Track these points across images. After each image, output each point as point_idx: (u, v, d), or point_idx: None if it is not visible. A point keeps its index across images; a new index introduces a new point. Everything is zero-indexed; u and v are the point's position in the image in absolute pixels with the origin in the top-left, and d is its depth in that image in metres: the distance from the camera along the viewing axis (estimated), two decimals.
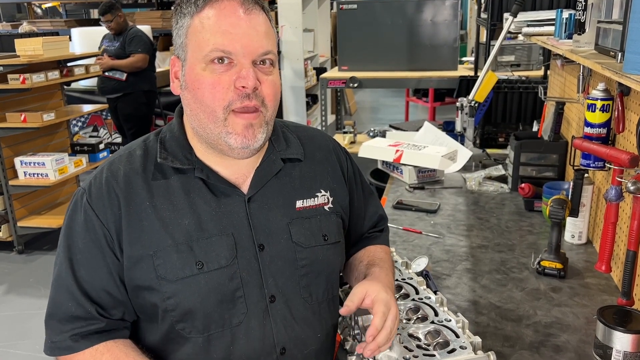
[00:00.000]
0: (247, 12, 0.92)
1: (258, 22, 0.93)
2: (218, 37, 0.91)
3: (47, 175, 3.72)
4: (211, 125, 0.93)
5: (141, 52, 4.69)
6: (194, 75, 0.93)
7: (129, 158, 1.00)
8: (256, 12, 0.93)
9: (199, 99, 0.93)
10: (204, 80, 0.92)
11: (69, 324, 0.95)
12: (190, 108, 0.96)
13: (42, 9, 8.77)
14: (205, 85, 0.92)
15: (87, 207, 0.96)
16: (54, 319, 0.97)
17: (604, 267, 1.35)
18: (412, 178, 2.36)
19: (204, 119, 0.94)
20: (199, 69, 0.92)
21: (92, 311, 0.95)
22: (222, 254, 0.96)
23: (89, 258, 0.96)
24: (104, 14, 4.63)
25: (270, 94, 0.95)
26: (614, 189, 1.30)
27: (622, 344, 1.10)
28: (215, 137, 0.94)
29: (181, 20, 0.95)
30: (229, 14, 0.91)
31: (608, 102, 1.47)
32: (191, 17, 0.93)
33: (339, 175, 1.13)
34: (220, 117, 0.92)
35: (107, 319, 0.97)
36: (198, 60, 0.92)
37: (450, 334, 1.09)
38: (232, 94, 0.91)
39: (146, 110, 4.94)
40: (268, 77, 0.94)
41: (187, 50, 0.94)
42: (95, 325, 0.96)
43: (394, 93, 9.90)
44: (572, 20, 1.76)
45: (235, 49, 0.91)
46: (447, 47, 4.20)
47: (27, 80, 3.52)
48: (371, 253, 1.18)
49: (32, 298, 3.33)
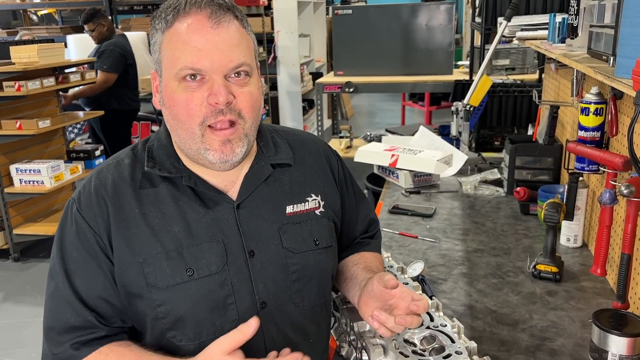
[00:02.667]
0: (215, 25, 0.90)
1: (228, 35, 0.91)
2: (187, 54, 0.89)
3: (43, 182, 3.71)
4: (190, 142, 0.93)
5: (106, 69, 4.45)
6: (169, 93, 0.93)
7: (117, 167, 1.00)
8: (225, 23, 0.91)
9: (175, 116, 0.93)
10: (178, 97, 0.91)
11: (69, 334, 0.95)
12: (170, 124, 0.96)
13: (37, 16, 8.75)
14: (179, 102, 0.91)
15: (77, 216, 0.96)
16: (53, 331, 0.96)
17: (599, 271, 1.35)
18: (408, 182, 2.36)
19: (182, 135, 0.94)
20: (173, 86, 0.92)
21: (92, 319, 0.95)
22: (213, 261, 0.96)
23: (85, 267, 0.95)
24: (85, 22, 4.51)
25: (246, 106, 0.93)
26: (608, 192, 1.30)
27: (617, 347, 1.10)
28: (195, 152, 0.94)
29: (154, 36, 0.94)
30: (197, 29, 0.89)
31: (601, 106, 1.48)
32: (162, 33, 0.92)
33: (330, 178, 1.13)
34: (197, 133, 0.92)
35: (106, 327, 0.96)
36: (171, 78, 0.92)
37: (446, 339, 1.09)
38: (205, 110, 0.91)
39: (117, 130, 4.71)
40: (243, 89, 0.93)
41: (161, 66, 0.94)
42: (95, 334, 0.95)
43: (390, 97, 9.91)
44: (565, 25, 1.77)
45: (205, 65, 0.89)
46: (442, 51, 4.21)
47: (22, 87, 3.51)
48: (366, 259, 1.17)
49: (28, 306, 3.32)
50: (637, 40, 1.01)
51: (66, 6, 7.11)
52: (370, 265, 1.14)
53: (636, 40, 1.02)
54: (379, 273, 1.01)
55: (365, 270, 1.11)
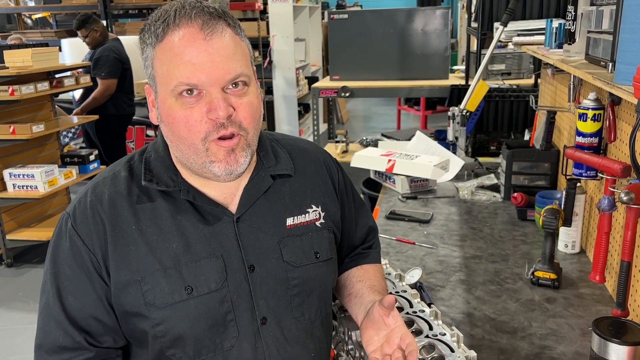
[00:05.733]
0: (208, 36, 0.86)
1: (222, 45, 0.87)
2: (181, 69, 0.85)
3: (37, 187, 3.68)
4: (194, 157, 0.91)
5: (105, 76, 4.44)
6: (166, 109, 0.90)
7: (113, 180, 0.97)
8: (219, 32, 0.87)
9: (175, 133, 0.90)
10: (176, 115, 0.88)
11: (57, 355, 0.93)
12: (170, 140, 0.93)
13: (32, 19, 8.72)
14: (178, 120, 0.88)
15: (72, 233, 0.93)
16: (42, 349, 0.94)
17: (598, 277, 1.34)
18: (405, 188, 2.35)
19: (185, 151, 0.91)
20: (170, 102, 0.89)
21: (81, 340, 0.93)
22: (212, 278, 0.94)
23: (77, 284, 0.93)
24: (78, 29, 4.49)
25: (247, 117, 0.91)
26: (606, 198, 1.29)
27: (618, 355, 1.09)
28: (200, 166, 0.92)
29: (146, 51, 0.91)
30: (189, 42, 0.86)
31: (599, 112, 1.47)
32: (154, 48, 0.89)
33: (330, 188, 1.11)
34: (200, 148, 0.90)
35: (96, 348, 0.94)
36: (167, 94, 0.89)
37: (445, 349, 1.07)
38: (206, 126, 0.88)
39: (113, 134, 4.69)
40: (242, 100, 0.90)
41: (156, 82, 0.91)
42: (83, 356, 0.93)
43: (385, 102, 9.93)
44: (562, 30, 1.76)
45: (201, 80, 0.86)
46: (438, 56, 4.22)
47: (16, 91, 3.49)
48: (371, 275, 1.15)
49: (22, 312, 3.28)
50: (637, 46, 1.01)
51: (61, 10, 7.08)
52: (375, 285, 1.12)
53: (636, 46, 1.01)
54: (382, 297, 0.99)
55: (370, 290, 1.09)
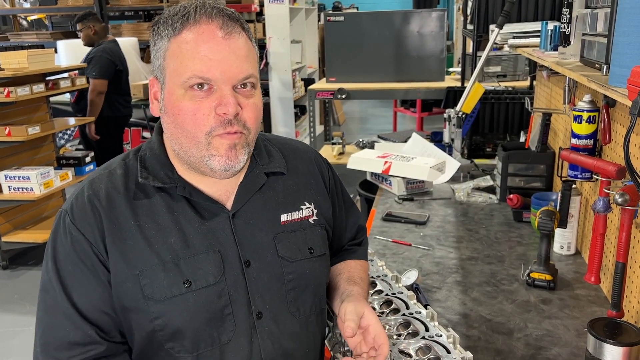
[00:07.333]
0: (226, 36, 0.89)
1: (238, 46, 0.90)
2: (197, 63, 0.88)
3: (32, 189, 3.66)
4: (193, 150, 0.92)
5: (96, 76, 4.38)
6: (173, 101, 0.91)
7: (110, 177, 0.98)
8: (236, 34, 0.91)
9: (179, 124, 0.91)
10: (183, 106, 0.90)
11: (67, 352, 0.92)
12: (171, 132, 0.94)
13: (27, 21, 8.70)
14: (185, 111, 0.90)
15: (71, 227, 0.93)
16: (50, 347, 0.93)
17: (593, 279, 1.35)
18: (401, 189, 2.36)
19: (185, 143, 0.92)
20: (179, 94, 0.90)
21: (92, 334, 0.92)
22: (210, 272, 0.95)
23: (82, 280, 0.93)
24: (76, 22, 4.49)
25: (251, 118, 0.93)
26: (601, 200, 1.30)
27: (613, 356, 1.09)
28: (198, 160, 0.93)
29: (159, 42, 0.93)
30: (208, 38, 0.88)
31: (594, 114, 1.48)
32: (169, 40, 0.91)
33: (321, 187, 1.13)
34: (202, 142, 0.91)
35: (107, 342, 0.94)
36: (177, 86, 0.90)
37: (442, 350, 1.08)
38: (213, 121, 0.90)
39: (109, 136, 4.64)
40: (249, 101, 0.93)
41: (165, 73, 0.92)
42: (94, 351, 0.92)
43: (382, 103, 9.94)
44: (557, 33, 1.77)
45: (215, 75, 0.89)
46: (434, 58, 4.23)
47: (11, 93, 3.48)
48: (351, 268, 1.17)
49: (17, 315, 3.27)
50: (632, 49, 1.01)
51: (56, 12, 7.07)
52: (352, 276, 1.14)
53: (630, 49, 1.02)
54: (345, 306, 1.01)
55: (347, 282, 1.11)
